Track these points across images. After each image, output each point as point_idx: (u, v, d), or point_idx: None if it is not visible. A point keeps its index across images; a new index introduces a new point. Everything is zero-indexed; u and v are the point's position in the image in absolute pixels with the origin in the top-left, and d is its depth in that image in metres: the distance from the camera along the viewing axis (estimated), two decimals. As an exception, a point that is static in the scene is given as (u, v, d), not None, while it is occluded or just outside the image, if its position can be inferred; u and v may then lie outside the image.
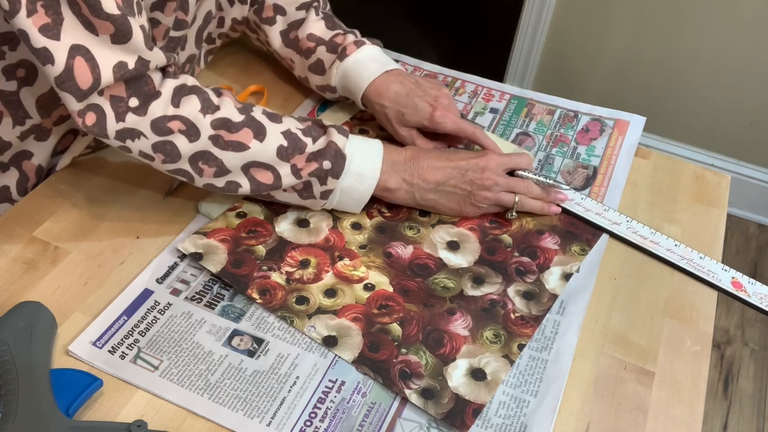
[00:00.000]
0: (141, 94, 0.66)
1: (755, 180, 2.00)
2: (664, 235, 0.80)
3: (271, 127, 0.71)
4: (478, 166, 0.77)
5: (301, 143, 0.72)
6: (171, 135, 0.67)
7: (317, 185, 0.73)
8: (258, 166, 0.71)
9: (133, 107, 0.66)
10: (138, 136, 0.67)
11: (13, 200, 0.79)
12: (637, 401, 0.65)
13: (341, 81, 0.86)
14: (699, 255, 0.78)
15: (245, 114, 0.71)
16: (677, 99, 1.97)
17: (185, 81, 0.69)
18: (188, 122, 0.68)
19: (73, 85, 0.63)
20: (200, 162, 0.69)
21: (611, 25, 1.91)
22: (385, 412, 0.62)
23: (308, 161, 0.71)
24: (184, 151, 0.68)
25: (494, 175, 0.77)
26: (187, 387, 0.62)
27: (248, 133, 0.70)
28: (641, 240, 0.79)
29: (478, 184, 0.76)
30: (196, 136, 0.68)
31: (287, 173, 0.71)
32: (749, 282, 0.77)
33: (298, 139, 0.72)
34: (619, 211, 0.82)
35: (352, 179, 0.74)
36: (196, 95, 0.69)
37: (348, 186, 0.74)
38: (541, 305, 0.71)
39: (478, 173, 0.76)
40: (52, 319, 0.64)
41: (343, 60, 0.85)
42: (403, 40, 2.50)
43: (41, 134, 0.77)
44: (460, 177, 0.76)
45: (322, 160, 0.71)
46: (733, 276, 0.77)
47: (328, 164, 0.72)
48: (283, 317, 0.68)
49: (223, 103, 0.70)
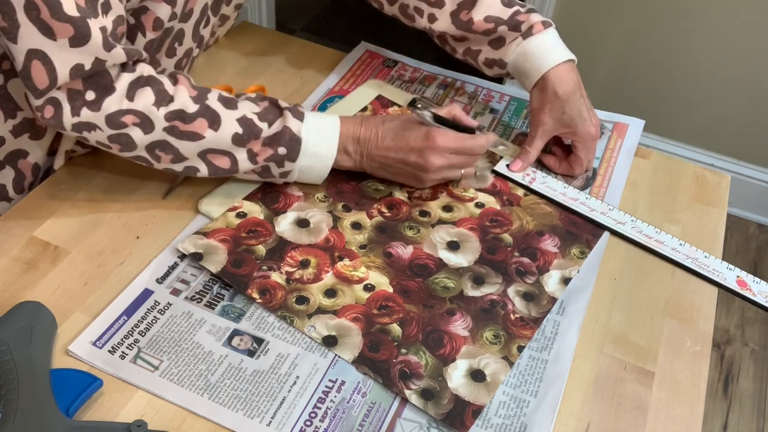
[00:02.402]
0: (98, 87, 0.68)
1: (755, 180, 2.00)
2: (668, 234, 0.80)
3: (226, 114, 0.72)
4: (422, 153, 0.77)
5: (257, 129, 0.73)
6: (126, 128, 0.69)
7: (275, 168, 0.75)
8: (215, 152, 0.73)
9: (89, 101, 0.67)
10: (94, 128, 0.69)
11: (10, 198, 0.79)
12: (637, 401, 0.65)
13: (518, 59, 0.85)
14: (704, 254, 0.78)
15: (200, 103, 0.72)
16: (677, 99, 1.97)
17: (141, 72, 0.70)
18: (142, 116, 0.69)
19: (31, 84, 0.65)
20: (157, 150, 0.71)
21: (611, 24, 1.91)
22: (385, 412, 0.62)
23: (264, 146, 0.73)
24: (140, 142, 0.70)
25: (437, 160, 0.77)
26: (187, 387, 0.62)
27: (203, 122, 0.71)
28: (646, 239, 0.79)
29: (422, 168, 0.78)
30: (151, 129, 0.70)
31: (244, 158, 0.74)
32: (754, 281, 0.77)
33: (253, 125, 0.73)
34: (623, 211, 0.82)
35: (309, 160, 0.76)
36: (150, 87, 0.70)
37: (305, 166, 0.77)
38: (541, 307, 0.71)
39: (421, 159, 0.77)
40: (52, 319, 0.64)
41: (526, 38, 0.84)
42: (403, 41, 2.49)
43: (36, 133, 0.77)
44: (403, 161, 0.78)
45: (277, 146, 0.74)
46: (738, 275, 0.77)
47: (284, 150, 0.74)
48: (283, 317, 0.68)
49: (177, 93, 0.71)
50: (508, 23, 0.85)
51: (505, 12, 0.86)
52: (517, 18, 0.85)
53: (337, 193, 0.81)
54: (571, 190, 0.84)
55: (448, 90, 0.99)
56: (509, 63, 0.86)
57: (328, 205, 0.80)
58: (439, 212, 0.80)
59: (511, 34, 0.85)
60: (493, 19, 0.86)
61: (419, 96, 0.94)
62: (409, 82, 1.00)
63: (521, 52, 0.85)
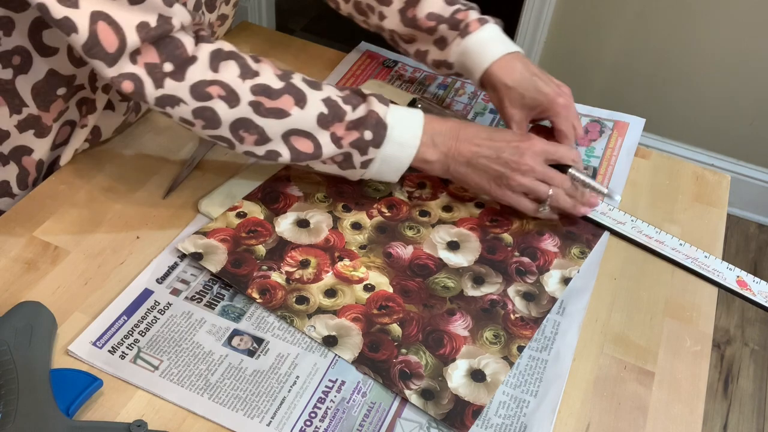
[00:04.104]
0: (174, 58, 0.66)
1: (755, 180, 2.00)
2: (669, 234, 0.80)
3: (311, 94, 0.71)
4: (518, 149, 0.75)
5: (341, 111, 0.71)
6: (210, 101, 0.67)
7: (357, 155, 0.73)
8: (298, 134, 0.70)
9: (169, 72, 0.66)
10: (178, 102, 0.67)
11: (14, 194, 0.79)
12: (637, 401, 0.65)
13: (460, 58, 0.85)
14: (704, 254, 0.78)
15: (285, 81, 0.70)
16: (677, 99, 1.97)
17: (221, 46, 0.69)
18: (228, 88, 0.67)
19: (101, 50, 0.63)
20: (241, 130, 0.69)
21: (611, 25, 1.91)
22: (385, 412, 0.62)
23: (348, 130, 0.71)
24: (225, 118, 0.68)
25: (532, 161, 0.75)
26: (187, 387, 0.62)
27: (289, 99, 0.69)
28: (647, 239, 0.79)
29: (513, 167, 0.75)
30: (236, 102, 0.68)
31: (327, 142, 0.71)
32: (754, 281, 0.77)
33: (338, 107, 0.71)
34: (623, 211, 0.82)
35: (393, 148, 0.73)
36: (234, 60, 0.69)
37: (388, 155, 0.74)
38: (541, 307, 0.71)
39: (516, 156, 0.75)
40: (52, 319, 0.64)
41: (464, 37, 0.84)
42: (403, 41, 2.49)
43: (41, 131, 0.77)
44: (495, 156, 0.75)
45: (363, 130, 0.71)
46: (738, 275, 0.77)
47: (369, 134, 0.72)
48: (283, 317, 0.68)
49: (262, 70, 0.70)
50: (449, 22, 0.85)
51: (446, 10, 0.85)
52: (456, 17, 0.85)
53: (337, 194, 0.81)
54: None
55: (448, 90, 0.99)
56: (454, 63, 0.86)
57: (328, 206, 0.80)
58: (439, 212, 0.80)
59: (451, 33, 0.85)
60: (434, 16, 0.85)
61: (419, 96, 0.94)
62: (409, 82, 1.00)
63: (462, 52, 0.85)
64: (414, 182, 0.84)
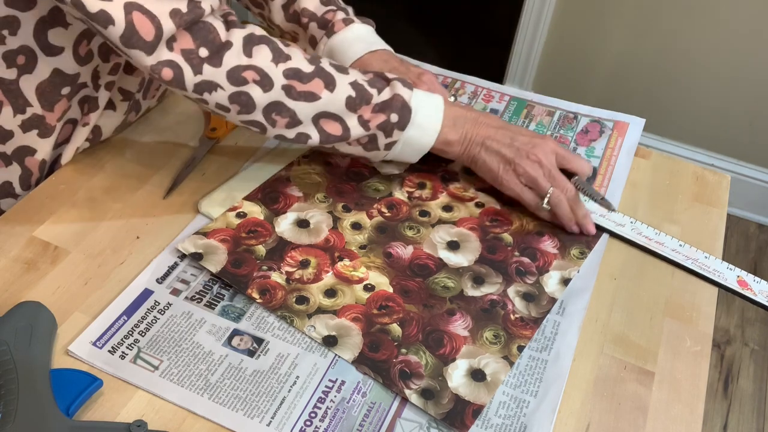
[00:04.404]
0: (208, 43, 0.67)
1: (755, 180, 2.00)
2: (668, 235, 0.80)
3: (339, 77, 0.73)
4: (532, 142, 0.77)
5: (367, 94, 0.73)
6: (246, 85, 0.69)
7: (382, 137, 0.75)
8: (328, 117, 0.72)
9: (205, 57, 0.67)
10: (215, 88, 0.68)
11: (17, 195, 0.79)
12: (637, 401, 0.65)
13: (328, 57, 0.87)
14: (704, 255, 0.78)
15: (315, 64, 0.72)
16: (677, 99, 1.97)
17: (253, 30, 0.70)
18: (262, 72, 0.69)
19: (139, 40, 0.64)
20: (273, 113, 0.71)
21: (611, 25, 1.91)
22: (385, 412, 0.62)
23: (374, 112, 0.73)
24: (259, 102, 0.70)
25: (542, 155, 0.77)
26: (187, 387, 0.62)
27: (319, 83, 0.71)
28: (646, 241, 0.79)
29: (523, 154, 0.77)
30: (270, 86, 0.69)
31: (355, 124, 0.73)
32: (755, 280, 0.77)
33: (364, 90, 0.73)
34: (622, 213, 0.82)
35: (417, 131, 0.76)
36: (266, 45, 0.70)
37: (411, 137, 0.76)
38: (541, 307, 0.71)
39: (528, 146, 0.77)
40: (52, 319, 0.64)
41: (330, 37, 0.86)
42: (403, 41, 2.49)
43: (45, 131, 0.77)
44: (509, 142, 0.77)
45: (390, 113, 0.74)
46: (738, 275, 0.77)
47: (395, 117, 0.74)
48: (283, 317, 0.68)
49: (293, 53, 0.71)
50: (319, 21, 0.87)
51: (319, 9, 0.88)
52: (325, 16, 0.87)
53: (337, 194, 0.81)
54: None
55: (449, 89, 0.99)
56: None
57: (328, 206, 0.80)
58: (439, 212, 0.80)
59: (319, 33, 0.87)
60: (308, 13, 0.87)
61: None
62: (409, 82, 1.00)
63: (329, 51, 0.87)
64: (414, 182, 0.84)
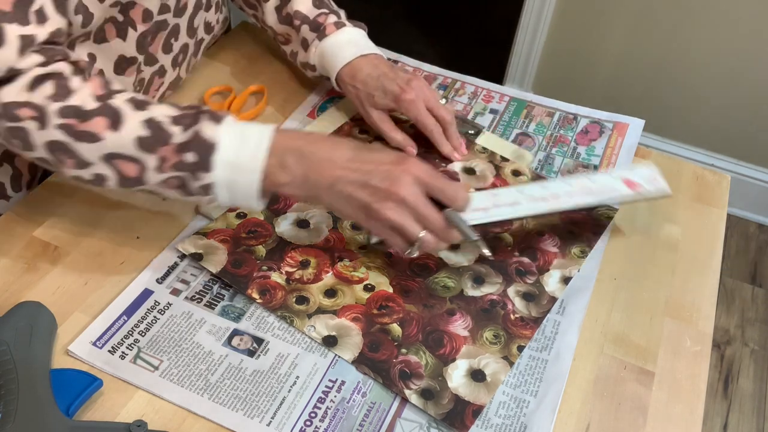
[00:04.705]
0: None
1: (755, 180, 2.00)
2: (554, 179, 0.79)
3: (131, 115, 0.63)
4: (389, 175, 0.63)
5: (166, 133, 0.63)
6: (21, 122, 0.62)
7: (191, 181, 0.64)
8: (120, 158, 0.63)
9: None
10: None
11: (9, 197, 0.79)
12: (637, 401, 0.65)
13: (319, 60, 0.88)
14: (588, 178, 0.77)
15: (101, 102, 0.64)
16: (677, 99, 1.97)
17: (54, 69, 0.64)
18: (38, 109, 0.62)
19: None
20: (58, 152, 0.64)
21: (611, 26, 1.91)
22: (385, 412, 0.62)
23: (176, 152, 0.63)
24: (38, 140, 0.63)
25: (405, 191, 0.63)
26: (187, 387, 0.62)
27: (100, 122, 0.63)
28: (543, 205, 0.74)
29: (382, 197, 0.63)
30: (46, 124, 0.62)
31: (154, 166, 0.64)
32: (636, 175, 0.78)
33: (162, 129, 0.63)
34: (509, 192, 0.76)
35: (229, 172, 0.63)
36: (53, 81, 0.63)
37: (227, 180, 0.64)
38: (541, 307, 0.71)
39: (386, 183, 0.63)
40: (52, 319, 0.64)
41: (321, 40, 0.86)
42: (403, 41, 2.50)
43: None
44: (362, 182, 0.64)
45: (184, 153, 0.63)
46: (621, 176, 0.78)
47: (193, 156, 0.63)
48: (283, 317, 0.68)
49: (80, 89, 0.64)
50: (311, 24, 0.87)
51: (312, 12, 0.88)
52: (317, 20, 0.87)
53: (337, 193, 0.81)
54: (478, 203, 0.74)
55: (448, 90, 0.99)
56: (316, 65, 0.88)
57: (328, 205, 0.80)
58: (439, 212, 0.80)
59: (311, 35, 0.87)
60: (301, 16, 0.87)
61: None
62: (409, 82, 1.00)
63: (320, 54, 0.87)
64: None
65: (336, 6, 0.91)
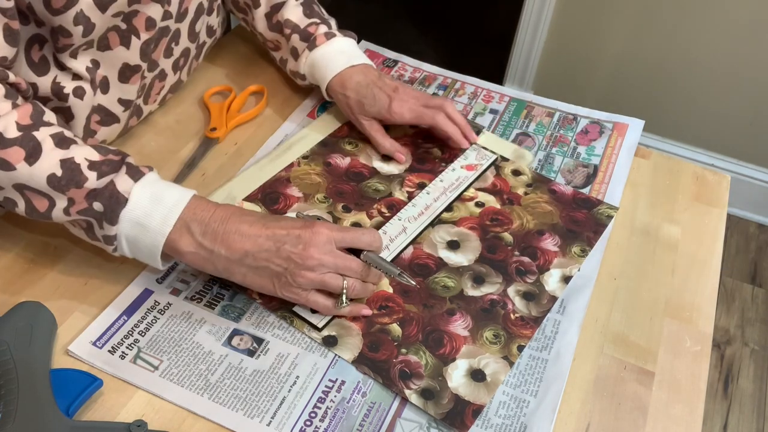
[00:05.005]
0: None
1: (755, 180, 2.00)
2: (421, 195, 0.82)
3: (51, 152, 0.63)
4: (301, 240, 0.64)
5: (80, 177, 0.63)
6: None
7: (98, 228, 0.64)
8: (31, 190, 0.63)
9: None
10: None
11: None
12: (637, 401, 0.65)
13: (310, 70, 0.88)
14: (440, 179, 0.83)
15: (23, 131, 0.63)
16: (677, 99, 1.97)
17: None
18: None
19: None
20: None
21: (611, 26, 1.91)
22: (385, 412, 0.62)
23: (86, 198, 0.63)
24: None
25: (319, 253, 0.64)
26: (187, 387, 0.62)
27: (18, 152, 0.62)
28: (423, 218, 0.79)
29: (298, 262, 0.64)
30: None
31: (62, 206, 0.64)
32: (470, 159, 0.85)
33: (78, 172, 0.63)
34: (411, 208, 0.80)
35: (134, 229, 0.64)
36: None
37: (132, 236, 0.64)
38: (541, 306, 0.71)
39: (299, 248, 0.64)
40: (52, 319, 0.64)
41: (312, 50, 0.87)
42: (403, 41, 2.50)
43: None
44: (275, 249, 0.64)
45: (92, 201, 0.63)
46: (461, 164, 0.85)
47: (100, 206, 0.63)
48: (283, 317, 0.68)
49: (6, 116, 0.62)
50: (301, 33, 0.88)
51: (302, 21, 0.88)
52: (308, 29, 0.88)
53: (337, 194, 0.81)
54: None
55: (448, 90, 0.99)
56: (306, 75, 0.89)
57: (327, 206, 0.80)
58: (439, 212, 0.80)
59: (301, 45, 0.88)
60: (291, 24, 0.88)
61: None
62: (409, 82, 1.00)
63: (311, 64, 0.88)
64: (414, 182, 0.84)
65: (327, 14, 0.92)
